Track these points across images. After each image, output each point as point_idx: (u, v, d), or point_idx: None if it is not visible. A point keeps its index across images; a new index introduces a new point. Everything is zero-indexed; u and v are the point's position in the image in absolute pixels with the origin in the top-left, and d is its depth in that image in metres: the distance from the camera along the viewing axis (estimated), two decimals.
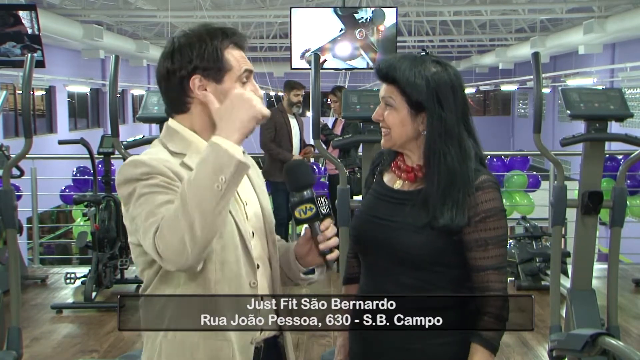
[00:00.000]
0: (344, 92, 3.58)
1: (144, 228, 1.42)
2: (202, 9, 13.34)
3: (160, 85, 1.59)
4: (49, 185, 7.77)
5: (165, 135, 1.59)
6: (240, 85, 1.56)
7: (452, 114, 1.66)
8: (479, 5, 14.05)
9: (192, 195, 1.37)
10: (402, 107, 1.68)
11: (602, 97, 3.34)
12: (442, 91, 1.66)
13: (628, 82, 14.94)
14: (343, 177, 3.66)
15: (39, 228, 6.68)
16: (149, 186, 1.45)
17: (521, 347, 4.17)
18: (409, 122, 1.68)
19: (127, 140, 3.53)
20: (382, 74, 1.71)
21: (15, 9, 5.74)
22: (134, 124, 21.10)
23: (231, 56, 1.55)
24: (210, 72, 1.53)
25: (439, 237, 1.64)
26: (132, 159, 1.49)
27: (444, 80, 1.67)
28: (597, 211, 3.43)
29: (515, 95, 27.01)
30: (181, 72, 1.53)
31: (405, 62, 1.68)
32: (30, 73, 3.50)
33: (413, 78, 1.66)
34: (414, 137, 1.70)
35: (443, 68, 1.69)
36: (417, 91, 1.65)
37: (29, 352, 4.14)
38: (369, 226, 1.72)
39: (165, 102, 1.61)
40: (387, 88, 1.70)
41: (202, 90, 1.54)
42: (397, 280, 1.69)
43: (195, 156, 1.50)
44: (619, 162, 6.21)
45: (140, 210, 1.44)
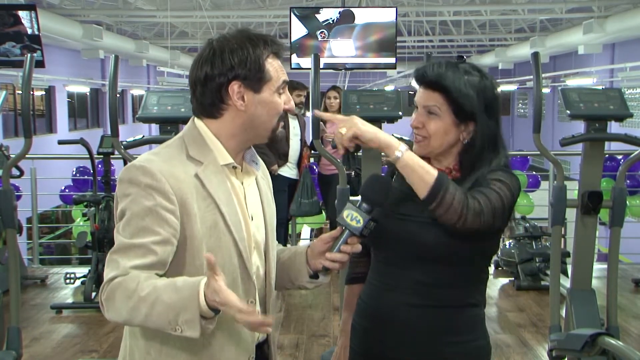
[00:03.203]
0: (344, 92, 3.58)
1: (113, 249, 1.44)
2: (201, 9, 13.34)
3: (194, 89, 1.55)
4: (49, 185, 7.76)
5: (189, 135, 1.56)
6: (277, 96, 1.56)
7: (496, 122, 1.70)
8: (478, 5, 14.06)
9: (149, 309, 1.36)
10: (446, 116, 1.67)
11: (601, 97, 3.34)
12: (489, 99, 1.68)
13: (628, 82, 14.94)
14: (343, 177, 3.66)
15: (38, 228, 6.68)
16: (142, 206, 1.44)
17: (521, 347, 4.17)
18: (452, 131, 1.69)
19: (127, 140, 3.52)
20: (430, 82, 1.69)
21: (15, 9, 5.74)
22: (134, 124, 21.11)
23: (271, 66, 1.54)
24: (250, 81, 1.52)
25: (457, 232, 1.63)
26: (142, 164, 1.47)
27: (489, 89, 1.69)
28: (597, 211, 3.43)
29: (514, 95, 27.02)
30: (220, 78, 1.51)
31: (452, 70, 1.67)
32: (30, 73, 3.50)
33: (464, 88, 1.65)
34: (452, 145, 1.71)
35: (484, 76, 1.71)
36: (469, 102, 1.65)
37: (29, 352, 4.14)
38: (390, 221, 1.72)
39: (197, 105, 1.57)
40: (432, 96, 1.68)
41: (240, 98, 1.52)
42: (412, 276, 1.70)
43: (211, 168, 1.51)
44: (619, 162, 6.21)
45: (124, 228, 1.45)
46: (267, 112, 1.55)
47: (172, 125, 3.36)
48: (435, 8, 14.59)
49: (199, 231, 1.47)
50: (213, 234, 1.49)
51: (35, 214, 6.43)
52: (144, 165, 1.46)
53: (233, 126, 1.54)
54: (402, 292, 1.71)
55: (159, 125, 3.43)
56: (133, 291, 1.37)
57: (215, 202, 1.50)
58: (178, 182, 1.46)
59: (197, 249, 1.47)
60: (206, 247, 1.48)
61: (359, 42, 5.81)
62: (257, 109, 1.53)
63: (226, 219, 1.50)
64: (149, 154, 1.53)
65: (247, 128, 1.55)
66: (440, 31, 18.43)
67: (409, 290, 1.70)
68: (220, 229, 1.50)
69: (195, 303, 1.32)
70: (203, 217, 1.48)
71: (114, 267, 1.42)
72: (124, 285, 1.38)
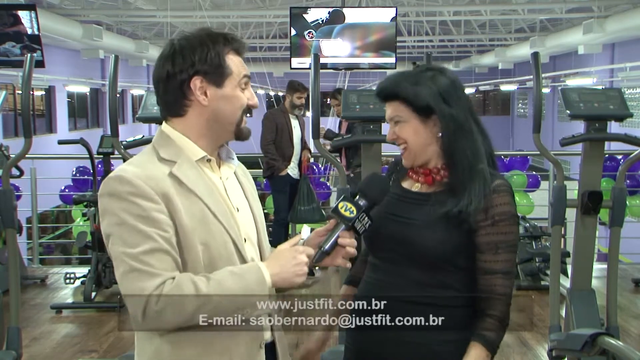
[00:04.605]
0: (344, 92, 3.58)
1: (125, 268, 1.43)
2: (201, 9, 13.34)
3: (157, 87, 1.58)
4: (49, 185, 7.77)
5: (157, 140, 1.59)
6: (239, 90, 1.58)
7: (460, 109, 1.71)
8: (478, 5, 14.06)
9: (217, 302, 1.42)
10: (410, 118, 1.72)
11: (601, 97, 3.33)
12: (444, 90, 1.71)
13: (627, 82, 14.95)
14: (342, 177, 3.67)
15: (38, 228, 6.68)
16: (132, 216, 1.44)
17: (521, 347, 4.17)
18: (421, 129, 1.72)
19: (127, 140, 3.52)
20: (385, 95, 1.76)
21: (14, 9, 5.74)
22: (134, 124, 21.11)
23: (231, 62, 1.57)
24: (211, 76, 1.54)
25: (454, 234, 1.67)
26: (118, 174, 1.48)
27: (443, 80, 1.73)
28: (597, 211, 3.43)
29: (514, 95, 27.03)
30: (182, 74, 1.53)
31: (401, 77, 1.74)
32: (29, 73, 3.50)
33: (413, 87, 1.70)
34: (430, 143, 1.73)
35: (439, 72, 1.75)
36: (422, 97, 1.69)
37: (29, 352, 4.14)
38: (386, 223, 1.74)
39: (162, 104, 1.60)
40: (392, 106, 1.75)
41: (202, 93, 1.54)
42: (407, 277, 1.71)
43: (185, 165, 1.53)
44: (619, 162, 6.21)
45: (118, 240, 1.45)
46: (230, 106, 1.57)
47: None
48: (435, 8, 14.59)
49: (187, 225, 1.48)
50: (203, 226, 1.51)
51: (35, 213, 6.44)
52: (120, 175, 1.48)
53: (199, 123, 1.57)
54: (396, 291, 1.71)
55: (159, 125, 3.42)
56: (194, 290, 1.41)
57: (197, 195, 1.52)
58: (156, 182, 1.48)
59: (190, 242, 1.49)
60: (199, 239, 1.49)
61: (359, 42, 5.81)
62: (220, 103, 1.56)
63: (211, 209, 1.53)
64: (123, 165, 1.55)
65: (213, 124, 1.57)
66: (440, 31, 18.43)
67: (400, 288, 1.71)
68: (209, 219, 1.52)
69: (263, 286, 1.45)
70: (189, 211, 1.50)
71: (146, 277, 1.42)
72: (178, 289, 1.41)
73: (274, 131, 5.82)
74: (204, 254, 1.50)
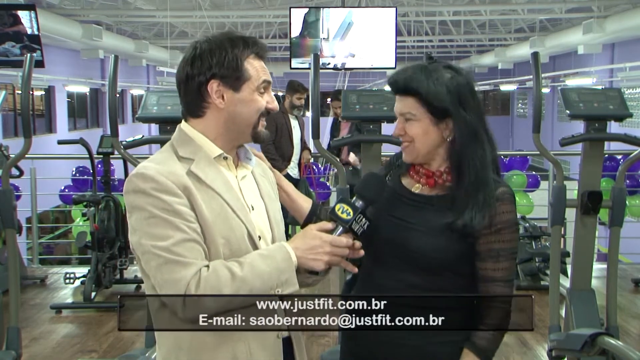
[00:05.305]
0: (344, 92, 3.58)
1: (159, 261, 1.46)
2: (201, 9, 13.34)
3: (179, 89, 1.62)
4: (49, 185, 7.76)
5: (177, 139, 1.62)
6: (258, 94, 1.60)
7: (475, 115, 1.69)
8: (478, 5, 14.06)
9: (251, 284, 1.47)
10: (423, 117, 1.69)
11: (601, 97, 3.34)
12: (462, 94, 1.68)
13: (627, 82, 14.94)
14: (342, 177, 3.66)
15: (38, 228, 6.68)
16: (159, 209, 1.48)
17: (520, 347, 4.18)
18: (432, 130, 1.69)
19: (127, 140, 3.52)
20: (400, 88, 1.71)
21: (14, 9, 5.74)
22: (134, 124, 21.09)
23: (251, 66, 1.59)
24: (228, 80, 1.57)
25: (455, 242, 1.66)
26: (140, 172, 1.52)
27: (462, 83, 1.69)
28: (597, 211, 3.43)
29: (514, 95, 27.02)
30: (200, 77, 1.57)
31: (420, 72, 1.69)
32: (29, 73, 3.50)
33: (433, 86, 1.66)
34: (437, 145, 1.71)
35: (457, 72, 1.71)
36: (440, 98, 1.66)
37: (28, 352, 4.14)
38: (384, 224, 1.72)
39: (182, 105, 1.64)
40: (406, 101, 1.70)
41: (219, 97, 1.57)
42: (405, 281, 1.69)
43: (203, 162, 1.57)
44: (618, 162, 6.21)
45: (147, 235, 1.48)
46: (247, 110, 1.59)
47: (172, 125, 3.35)
48: (435, 8, 14.59)
49: (208, 219, 1.52)
50: (223, 221, 1.54)
51: (35, 214, 6.43)
52: (142, 172, 1.51)
53: (216, 124, 1.60)
54: (391, 292, 1.71)
55: (159, 125, 3.43)
56: (230, 275, 1.46)
57: (216, 191, 1.55)
58: (177, 177, 1.52)
59: (211, 236, 1.52)
60: (219, 234, 1.53)
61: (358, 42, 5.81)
62: (237, 107, 1.58)
63: (230, 204, 1.56)
64: (143, 162, 1.57)
65: (230, 125, 1.60)
66: (440, 31, 18.43)
67: (398, 291, 1.70)
68: (229, 214, 1.55)
69: (290, 263, 1.50)
70: (209, 206, 1.53)
71: (181, 267, 1.45)
72: (215, 275, 1.45)
73: (274, 131, 5.82)
74: (225, 248, 1.53)
